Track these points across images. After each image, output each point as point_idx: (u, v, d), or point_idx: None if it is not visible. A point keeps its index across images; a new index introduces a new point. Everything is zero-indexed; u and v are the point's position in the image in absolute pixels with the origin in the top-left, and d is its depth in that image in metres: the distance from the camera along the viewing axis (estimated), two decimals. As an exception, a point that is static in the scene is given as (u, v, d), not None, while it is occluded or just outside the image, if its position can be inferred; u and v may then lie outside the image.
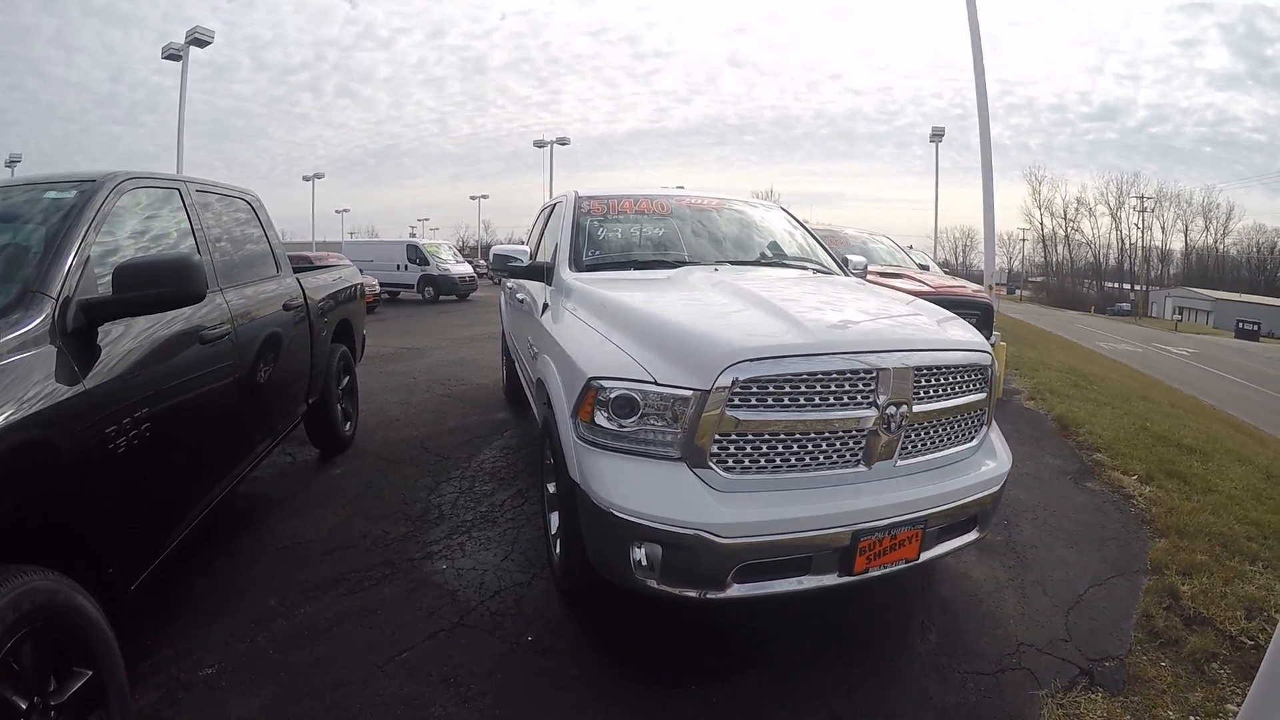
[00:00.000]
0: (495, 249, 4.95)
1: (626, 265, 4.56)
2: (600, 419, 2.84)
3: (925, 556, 3.09)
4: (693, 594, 2.74)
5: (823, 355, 2.81)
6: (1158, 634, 3.61)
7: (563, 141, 48.62)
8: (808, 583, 2.85)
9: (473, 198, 79.97)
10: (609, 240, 4.95)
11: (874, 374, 2.85)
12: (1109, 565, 4.41)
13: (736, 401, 2.71)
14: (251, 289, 4.30)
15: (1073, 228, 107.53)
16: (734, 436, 2.76)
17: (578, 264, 4.49)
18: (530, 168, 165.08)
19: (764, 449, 2.80)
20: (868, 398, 2.86)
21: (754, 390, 2.72)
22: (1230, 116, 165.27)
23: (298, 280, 5.13)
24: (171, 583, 3.68)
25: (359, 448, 6.18)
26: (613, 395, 2.80)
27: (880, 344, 2.96)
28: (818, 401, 2.80)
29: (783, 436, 2.79)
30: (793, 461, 2.83)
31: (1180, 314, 77.63)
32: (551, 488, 3.67)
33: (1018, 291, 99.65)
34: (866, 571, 2.90)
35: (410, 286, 27.81)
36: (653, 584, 2.73)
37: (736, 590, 2.75)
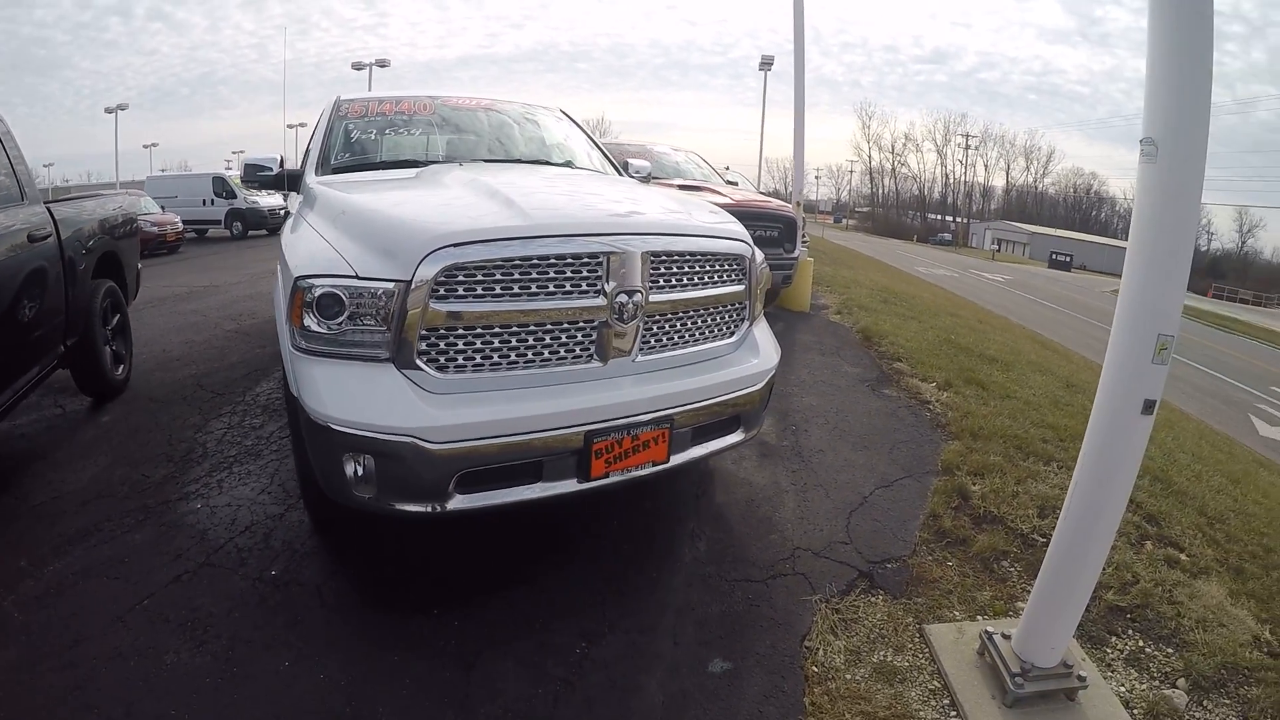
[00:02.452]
0: (246, 158, 4.68)
1: (376, 167, 4.38)
2: (310, 322, 2.65)
3: (678, 460, 3.02)
4: (416, 509, 2.63)
5: (538, 238, 2.70)
6: (945, 534, 3.60)
7: (382, 63, 45.39)
8: (542, 490, 2.75)
9: (290, 126, 74.79)
10: (362, 142, 4.75)
11: (599, 259, 2.75)
12: (898, 468, 4.42)
13: (443, 292, 2.58)
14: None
15: (900, 162, 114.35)
16: (443, 332, 2.63)
17: (325, 167, 4.30)
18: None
19: (481, 345, 2.68)
20: (594, 285, 2.76)
21: (461, 279, 2.59)
22: (1056, 69, 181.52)
23: (48, 209, 4.73)
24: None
25: (133, 391, 5.75)
26: (317, 294, 2.62)
27: (605, 226, 2.86)
28: (535, 290, 2.68)
29: (500, 330, 2.68)
30: (514, 359, 2.72)
31: (998, 245, 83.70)
32: None
33: (844, 220, 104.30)
34: (607, 476, 2.81)
35: (218, 222, 26.42)
36: (371, 499, 2.63)
37: (461, 501, 2.65)
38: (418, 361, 2.62)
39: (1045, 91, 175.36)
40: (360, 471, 2.58)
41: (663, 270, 2.93)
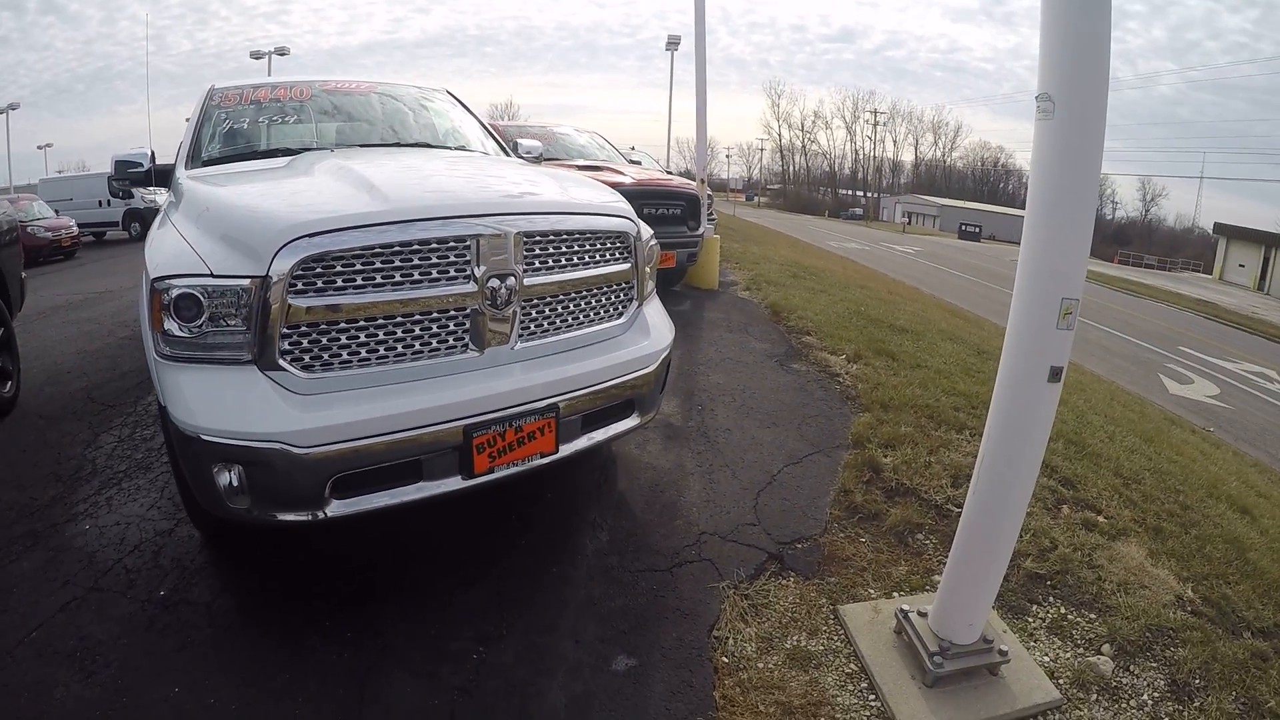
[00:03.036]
0: (115, 155, 4.39)
1: (248, 157, 4.14)
2: (170, 325, 2.51)
3: (568, 450, 2.95)
4: (294, 517, 2.54)
5: (398, 223, 2.59)
6: (856, 509, 3.55)
7: (281, 51, 43.53)
8: (424, 490, 2.66)
9: (188, 119, 72.50)
10: (235, 132, 4.51)
11: (466, 242, 2.67)
12: (807, 443, 4.37)
13: (300, 286, 2.46)
14: None
15: (810, 139, 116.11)
16: (305, 328, 2.50)
17: (195, 160, 4.09)
18: None
19: (348, 341, 2.57)
20: (463, 270, 2.68)
21: (319, 271, 2.47)
22: (962, 46, 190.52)
23: None
24: None
25: (22, 409, 5.43)
26: (174, 295, 2.48)
27: (473, 208, 2.76)
28: (399, 279, 2.58)
29: (366, 324, 2.57)
30: (383, 353, 2.62)
31: (909, 218, 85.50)
32: None
33: (756, 198, 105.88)
34: (492, 471, 2.74)
35: (115, 224, 25.28)
36: (246, 510, 2.51)
37: (340, 507, 2.54)
38: (281, 362, 2.50)
39: (951, 69, 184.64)
40: (233, 482, 2.47)
41: (538, 251, 2.87)
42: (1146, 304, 30.45)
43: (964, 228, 67.20)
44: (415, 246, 2.58)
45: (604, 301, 3.17)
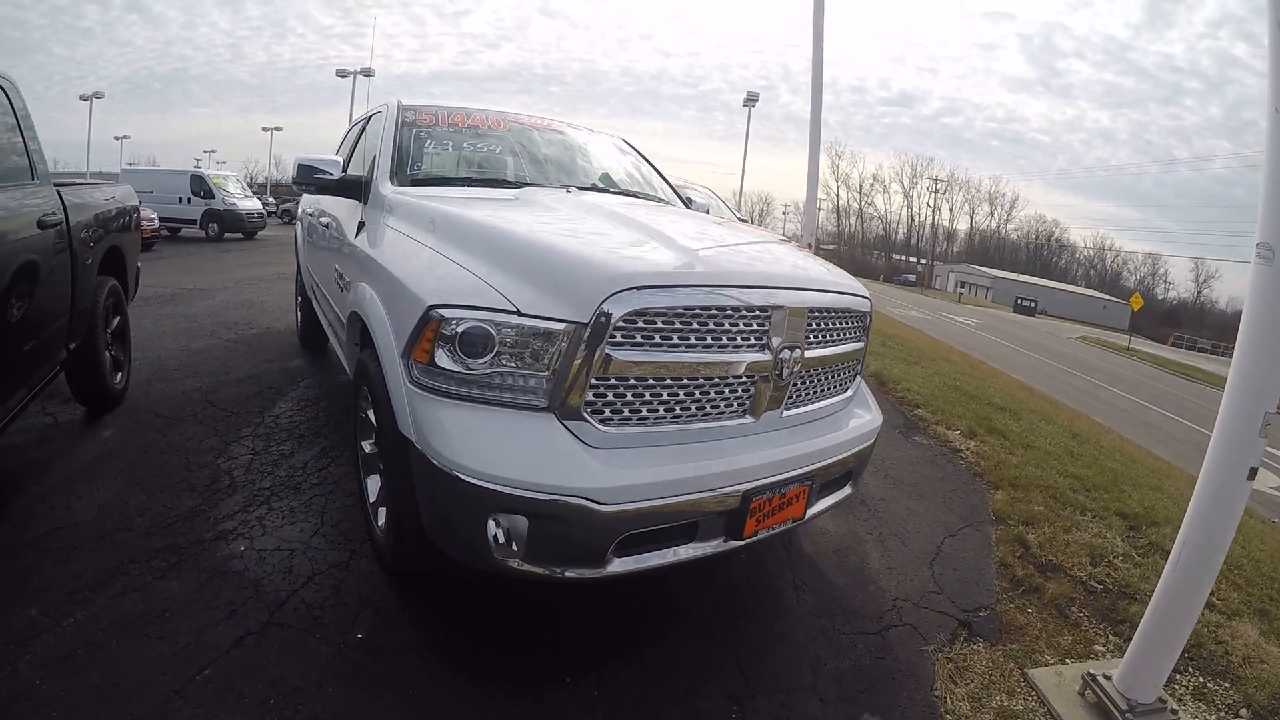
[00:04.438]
0: (300, 159, 4.04)
1: (459, 182, 4.06)
2: (442, 359, 2.41)
3: (809, 514, 2.98)
4: (569, 574, 2.42)
5: (720, 287, 2.56)
6: (1019, 582, 3.81)
7: (368, 73, 43.56)
8: (694, 550, 2.63)
9: (265, 129, 74.59)
10: (437, 155, 4.41)
11: (768, 313, 2.66)
12: (956, 517, 4.64)
13: (619, 339, 2.38)
14: (-7, 195, 3.58)
15: (866, 201, 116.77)
16: (613, 381, 2.43)
17: (401, 177, 3.93)
18: (327, 103, 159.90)
19: (649, 397, 2.50)
20: (761, 339, 2.67)
21: (640, 325, 2.40)
22: (1018, 116, 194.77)
23: (58, 193, 4.19)
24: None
25: (132, 403, 5.27)
26: (460, 329, 2.36)
27: (771, 279, 2.76)
28: (709, 341, 2.54)
29: (668, 382, 2.51)
30: (678, 412, 2.57)
31: (962, 287, 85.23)
32: (368, 446, 3.29)
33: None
34: (755, 534, 2.72)
35: (193, 222, 25.57)
36: (516, 564, 2.38)
37: (619, 565, 2.46)
38: (584, 413, 2.41)
39: (1007, 138, 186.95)
40: (506, 534, 2.35)
41: (814, 326, 2.88)
42: (1201, 389, 29.94)
43: (1020, 301, 67.05)
44: (728, 311, 2.54)
45: (843, 375, 3.24)
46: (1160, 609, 2.80)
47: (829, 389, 3.17)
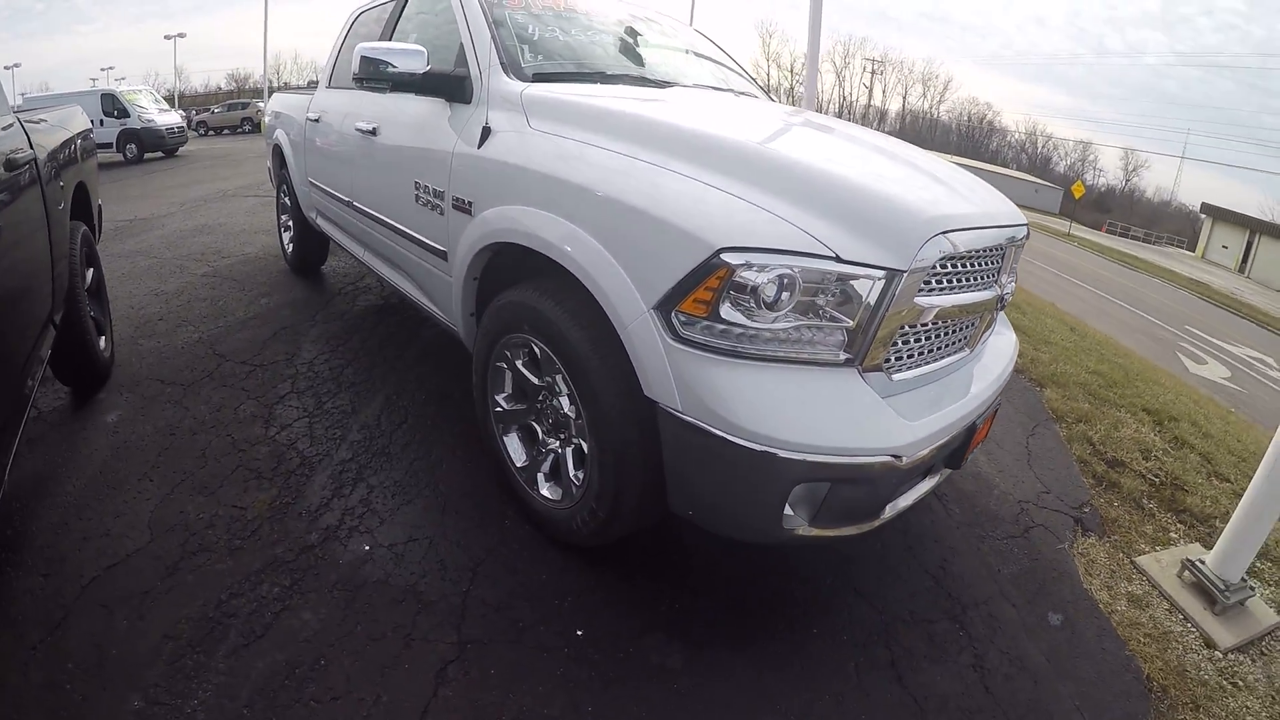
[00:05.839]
0: (363, 49, 3.23)
1: (592, 78, 3.42)
2: (729, 312, 2.05)
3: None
4: (849, 531, 2.26)
5: (990, 228, 2.49)
6: (1100, 478, 4.30)
7: None
8: (928, 484, 2.56)
9: (167, 37, 69.65)
10: (553, 43, 3.65)
11: (1004, 249, 2.64)
12: (1025, 415, 5.09)
13: (932, 284, 2.25)
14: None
15: (798, 81, 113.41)
16: (907, 329, 2.27)
17: (517, 72, 3.20)
18: (230, 3, 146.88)
19: (924, 342, 2.40)
20: (994, 275, 2.65)
21: (940, 270, 2.27)
22: None
23: (19, 124, 3.18)
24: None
25: (126, 372, 4.20)
26: (764, 278, 2.01)
27: (1008, 216, 2.73)
28: (974, 281, 2.47)
29: (939, 325, 2.41)
30: (934, 352, 2.48)
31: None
32: (506, 402, 3.02)
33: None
34: (964, 461, 2.64)
35: (109, 146, 23.56)
36: (802, 532, 2.17)
37: (888, 513, 2.32)
38: (883, 365, 2.23)
39: (938, 18, 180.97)
40: (799, 502, 2.13)
41: (1012, 259, 2.81)
42: (1144, 279, 30.90)
43: (951, 183, 67.55)
44: (989, 251, 2.48)
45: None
46: (1253, 499, 3.28)
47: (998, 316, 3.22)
